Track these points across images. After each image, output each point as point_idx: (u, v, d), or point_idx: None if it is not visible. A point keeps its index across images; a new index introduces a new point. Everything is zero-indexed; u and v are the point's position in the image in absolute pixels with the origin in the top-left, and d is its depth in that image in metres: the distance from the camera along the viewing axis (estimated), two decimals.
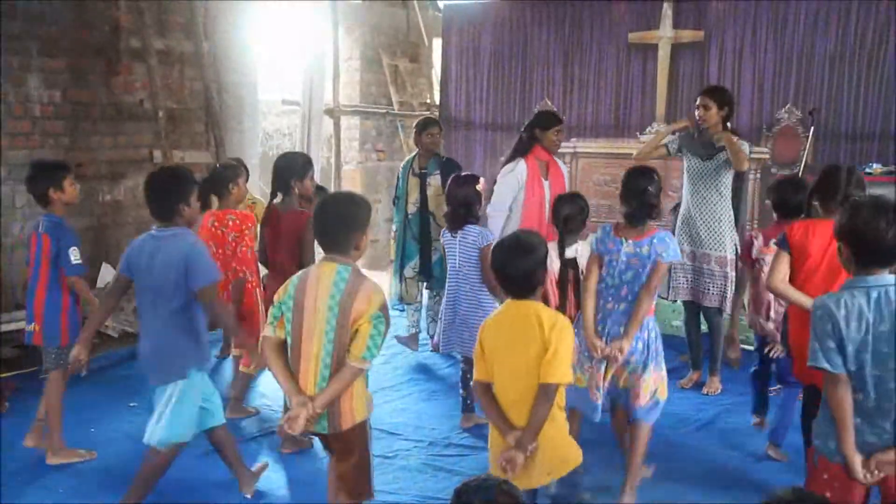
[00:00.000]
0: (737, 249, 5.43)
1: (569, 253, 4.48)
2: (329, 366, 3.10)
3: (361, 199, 3.33)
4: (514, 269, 3.13)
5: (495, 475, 3.18)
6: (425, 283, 6.48)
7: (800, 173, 6.23)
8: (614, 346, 3.75)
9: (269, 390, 5.53)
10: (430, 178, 6.28)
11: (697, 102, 5.41)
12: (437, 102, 9.62)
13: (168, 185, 3.78)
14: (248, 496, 4.08)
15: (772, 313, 4.65)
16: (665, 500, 4.05)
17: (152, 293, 3.71)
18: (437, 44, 10.01)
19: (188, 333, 3.73)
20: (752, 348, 5.97)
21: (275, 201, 4.79)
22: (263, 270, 5.16)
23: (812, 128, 6.29)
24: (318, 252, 3.40)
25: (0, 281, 6.15)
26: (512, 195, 5.43)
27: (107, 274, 6.68)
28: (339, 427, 3.17)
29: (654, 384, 3.87)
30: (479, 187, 4.94)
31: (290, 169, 4.65)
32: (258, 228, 5.44)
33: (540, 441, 3.06)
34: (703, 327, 5.74)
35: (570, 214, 4.46)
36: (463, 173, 5.26)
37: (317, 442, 4.27)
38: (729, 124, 5.39)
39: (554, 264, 4.36)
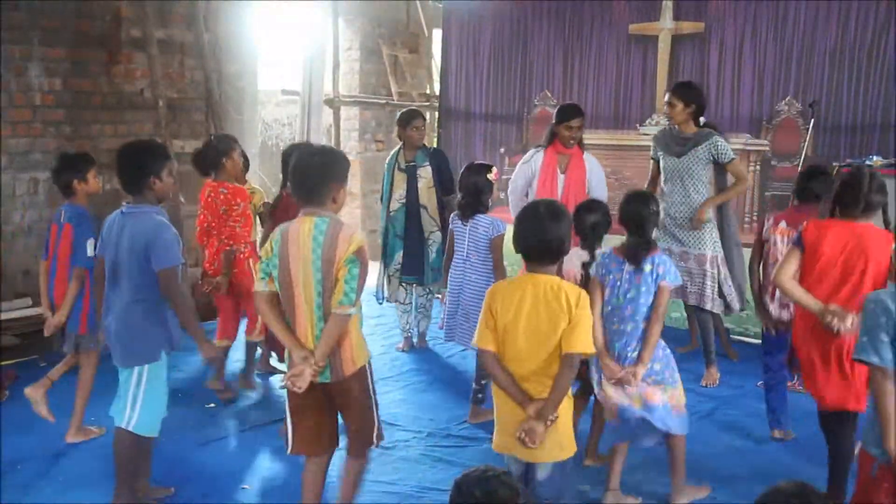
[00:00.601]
0: (719, 246, 5.45)
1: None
2: (322, 317, 3.15)
3: (338, 152, 3.35)
4: (551, 234, 3.10)
5: (509, 446, 3.15)
6: (415, 283, 6.27)
7: (800, 165, 6.22)
8: (629, 370, 3.69)
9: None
10: (420, 171, 6.13)
11: (665, 99, 5.43)
12: (437, 93, 9.61)
13: (139, 156, 3.65)
14: None
15: (775, 299, 4.60)
16: (665, 492, 4.06)
17: (118, 272, 3.61)
18: (437, 34, 9.99)
19: (154, 315, 3.61)
20: (751, 340, 5.96)
21: (286, 190, 4.82)
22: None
23: (812, 120, 6.29)
24: None
25: (0, 269, 6.15)
26: (524, 182, 5.64)
27: None
28: (343, 374, 3.23)
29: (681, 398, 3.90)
30: (492, 176, 4.91)
31: None
32: (256, 209, 5.51)
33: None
34: None
35: (597, 222, 4.18)
36: (476, 162, 5.26)
37: None
38: (703, 119, 5.41)
39: (575, 267, 4.18)
